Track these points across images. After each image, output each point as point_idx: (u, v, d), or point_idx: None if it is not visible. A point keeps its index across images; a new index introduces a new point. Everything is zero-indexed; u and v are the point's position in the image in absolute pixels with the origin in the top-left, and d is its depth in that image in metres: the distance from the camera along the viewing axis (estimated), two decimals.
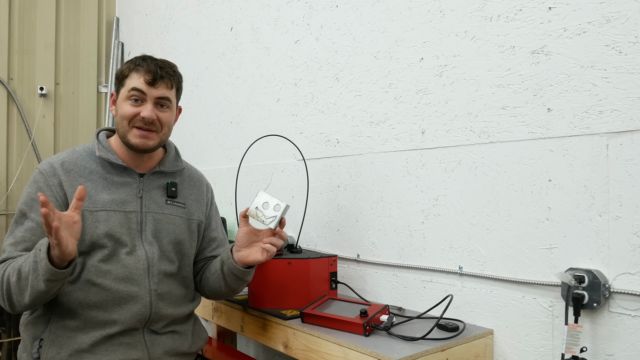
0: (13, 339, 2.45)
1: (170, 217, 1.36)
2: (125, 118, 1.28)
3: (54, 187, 1.25)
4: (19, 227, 1.24)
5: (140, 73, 1.28)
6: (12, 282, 1.15)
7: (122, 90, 1.30)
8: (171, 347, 1.32)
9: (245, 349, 2.29)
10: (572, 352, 1.12)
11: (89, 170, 1.30)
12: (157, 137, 1.31)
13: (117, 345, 1.23)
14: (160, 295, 1.30)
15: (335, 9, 1.82)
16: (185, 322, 1.39)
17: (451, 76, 1.43)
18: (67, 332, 1.22)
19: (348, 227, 1.76)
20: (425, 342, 1.19)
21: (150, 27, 3.30)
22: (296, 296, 1.50)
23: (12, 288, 1.15)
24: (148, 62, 1.30)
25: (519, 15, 1.28)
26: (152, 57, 1.33)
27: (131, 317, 1.24)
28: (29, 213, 1.23)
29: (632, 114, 1.08)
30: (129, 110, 1.28)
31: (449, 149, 1.44)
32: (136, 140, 1.28)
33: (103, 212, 1.26)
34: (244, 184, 2.31)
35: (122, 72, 1.31)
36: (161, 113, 1.31)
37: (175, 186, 1.40)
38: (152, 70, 1.28)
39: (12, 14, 3.38)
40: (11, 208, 3.32)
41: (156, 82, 1.28)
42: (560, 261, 1.20)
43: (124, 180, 1.32)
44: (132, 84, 1.28)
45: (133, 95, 1.28)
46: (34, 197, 1.24)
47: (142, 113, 1.27)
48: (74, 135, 3.60)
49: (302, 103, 1.97)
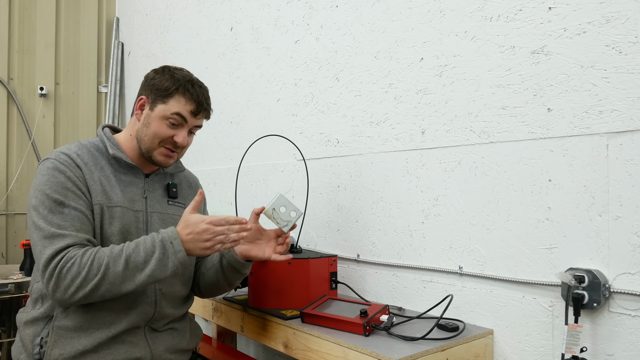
0: (13, 339, 2.45)
1: (174, 217, 1.37)
2: (159, 137, 1.28)
3: (81, 179, 1.22)
4: (57, 215, 1.16)
5: (188, 100, 1.28)
6: (115, 270, 1.12)
7: (161, 107, 1.27)
8: (171, 344, 1.33)
9: (245, 349, 2.29)
10: (572, 352, 1.12)
11: (100, 166, 1.28)
12: (177, 157, 1.35)
13: (120, 343, 1.24)
14: (164, 295, 1.31)
15: (335, 9, 1.82)
16: (183, 320, 1.41)
17: (451, 76, 1.43)
18: (69, 333, 1.20)
19: (348, 227, 1.76)
20: (425, 342, 1.19)
21: (150, 27, 3.30)
22: (296, 296, 1.50)
23: (111, 275, 1.11)
24: (197, 90, 1.29)
25: (519, 15, 1.28)
26: (198, 83, 1.32)
27: (137, 316, 1.25)
28: (67, 201, 1.17)
29: (632, 114, 1.08)
30: (165, 132, 1.28)
31: (449, 149, 1.44)
32: (161, 158, 1.31)
33: (118, 209, 1.25)
34: (244, 184, 2.31)
35: (166, 88, 1.27)
36: (189, 138, 1.34)
37: (175, 187, 1.42)
38: (200, 101, 1.29)
39: (12, 14, 3.38)
40: (11, 208, 3.32)
41: (199, 113, 1.31)
42: (560, 261, 1.20)
43: (130, 179, 1.32)
44: (176, 109, 1.27)
45: (174, 119, 1.27)
46: (67, 186, 1.18)
47: (176, 138, 1.28)
48: (74, 135, 3.60)
49: (302, 103, 1.97)
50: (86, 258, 1.12)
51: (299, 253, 1.60)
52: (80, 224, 1.17)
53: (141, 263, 1.13)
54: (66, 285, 1.11)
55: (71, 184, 1.19)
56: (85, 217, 1.19)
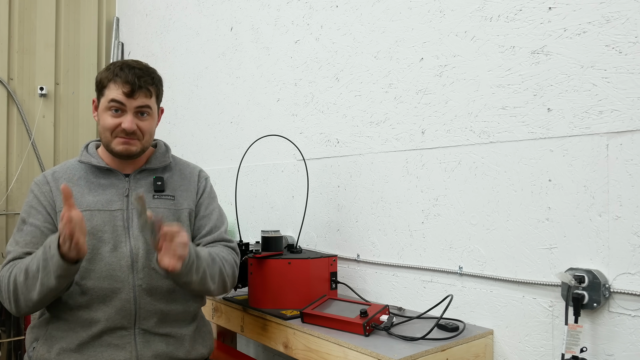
0: (13, 339, 2.45)
1: (157, 210, 1.35)
2: (107, 129, 1.31)
3: (47, 194, 1.32)
4: (19, 233, 1.30)
5: (118, 84, 1.28)
6: (19, 281, 1.18)
7: (102, 100, 1.32)
8: (164, 351, 1.29)
9: (245, 349, 2.29)
10: (572, 352, 1.12)
11: (76, 177, 1.35)
12: (140, 144, 1.34)
13: (105, 346, 1.25)
14: (147, 290, 1.29)
15: (335, 9, 1.82)
16: (185, 325, 1.35)
17: (451, 76, 1.43)
18: (60, 333, 1.26)
19: (348, 227, 1.76)
20: (425, 342, 1.19)
21: (150, 27, 3.30)
22: (296, 296, 1.50)
23: (20, 287, 1.19)
24: (126, 72, 1.29)
25: (519, 15, 1.28)
26: (130, 65, 1.32)
27: (115, 314, 1.25)
28: (28, 219, 1.30)
29: (632, 114, 1.08)
30: (110, 122, 1.30)
31: (449, 149, 1.44)
32: (119, 148, 1.32)
33: (87, 212, 1.29)
34: (244, 184, 2.31)
35: (101, 81, 1.32)
36: (142, 122, 1.33)
37: (161, 180, 1.40)
38: (130, 81, 1.28)
39: (12, 14, 3.38)
40: (11, 208, 3.32)
41: (134, 93, 1.29)
42: (560, 261, 1.20)
43: (110, 182, 1.36)
44: (111, 95, 1.29)
45: (112, 106, 1.30)
46: (32, 205, 1.32)
47: (122, 124, 1.29)
48: (74, 135, 3.60)
49: (302, 103, 1.97)
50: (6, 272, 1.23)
51: (299, 253, 1.60)
52: (30, 238, 1.28)
53: (35, 272, 1.16)
54: (4, 299, 1.24)
55: (36, 201, 1.32)
56: (38, 230, 1.28)
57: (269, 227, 2.15)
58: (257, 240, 2.00)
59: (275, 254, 1.53)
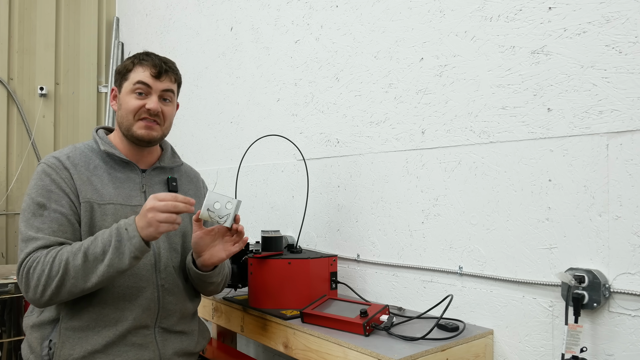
0: (13, 339, 2.45)
1: None
2: (131, 111, 1.30)
3: (67, 180, 1.24)
4: (38, 218, 1.20)
5: (146, 67, 1.31)
6: (75, 264, 1.13)
7: (125, 84, 1.32)
8: (180, 348, 1.33)
9: (245, 349, 2.29)
10: (572, 352, 1.12)
11: (93, 165, 1.30)
12: (160, 129, 1.34)
13: (130, 345, 1.24)
14: (168, 290, 1.31)
15: (335, 9, 1.82)
16: (192, 322, 1.40)
17: (451, 76, 1.43)
18: (77, 333, 1.21)
19: (348, 227, 1.76)
20: (425, 342, 1.19)
21: (150, 27, 3.30)
22: (296, 296, 1.50)
23: (72, 271, 1.13)
24: (152, 57, 1.33)
25: (519, 15, 1.28)
26: (154, 53, 1.36)
27: (142, 312, 1.25)
28: (49, 204, 1.21)
29: (632, 114, 1.08)
30: (134, 104, 1.29)
31: (449, 149, 1.44)
32: (141, 132, 1.30)
33: (111, 206, 1.26)
34: (244, 184, 2.32)
35: (125, 66, 1.33)
36: (165, 107, 1.34)
37: (175, 181, 1.42)
38: (157, 64, 1.31)
39: (12, 14, 3.38)
40: (11, 208, 3.32)
41: (161, 75, 1.31)
42: (560, 261, 1.20)
43: (126, 176, 1.33)
44: (138, 77, 1.30)
45: (138, 88, 1.30)
46: (51, 189, 1.22)
47: (147, 105, 1.29)
48: (74, 135, 3.60)
49: (302, 103, 1.97)
50: (49, 257, 1.14)
51: (299, 253, 1.60)
52: (58, 226, 1.20)
53: (99, 254, 1.13)
54: (34, 285, 1.14)
55: (55, 186, 1.22)
56: (65, 218, 1.21)
57: (269, 227, 2.15)
58: (257, 240, 2.00)
59: (276, 254, 1.53)
